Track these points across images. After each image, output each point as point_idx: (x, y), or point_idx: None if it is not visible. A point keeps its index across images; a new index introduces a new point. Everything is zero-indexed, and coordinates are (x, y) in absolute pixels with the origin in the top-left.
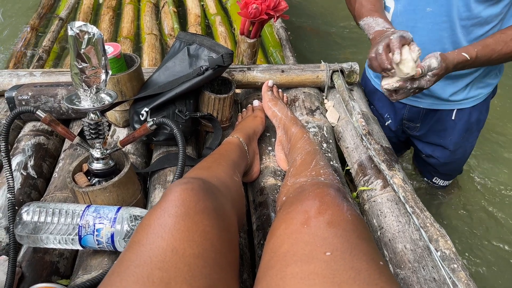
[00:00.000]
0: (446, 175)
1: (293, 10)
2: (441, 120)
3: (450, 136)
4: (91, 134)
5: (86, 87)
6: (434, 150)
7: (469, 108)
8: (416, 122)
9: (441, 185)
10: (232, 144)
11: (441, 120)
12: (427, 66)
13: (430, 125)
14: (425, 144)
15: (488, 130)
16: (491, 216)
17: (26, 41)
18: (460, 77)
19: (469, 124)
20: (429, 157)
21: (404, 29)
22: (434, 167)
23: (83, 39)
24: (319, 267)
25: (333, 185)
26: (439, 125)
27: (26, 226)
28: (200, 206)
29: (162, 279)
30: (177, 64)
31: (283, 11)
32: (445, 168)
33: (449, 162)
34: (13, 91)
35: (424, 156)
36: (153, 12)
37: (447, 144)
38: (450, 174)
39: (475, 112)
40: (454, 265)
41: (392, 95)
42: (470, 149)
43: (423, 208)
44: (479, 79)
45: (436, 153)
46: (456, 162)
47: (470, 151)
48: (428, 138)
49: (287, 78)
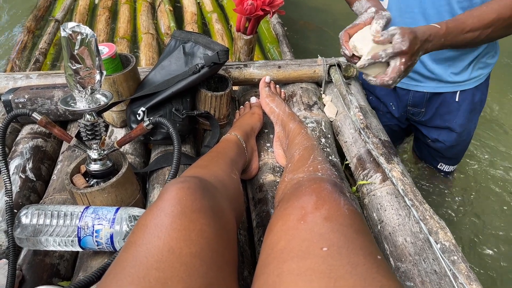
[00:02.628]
0: (451, 160)
1: (290, 6)
2: (445, 102)
3: (455, 118)
4: (87, 135)
5: (81, 88)
6: (440, 134)
7: (471, 89)
8: (421, 107)
9: (447, 170)
10: (230, 142)
11: (446, 103)
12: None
13: (435, 109)
14: (431, 129)
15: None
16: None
17: (23, 44)
18: (459, 57)
19: (473, 105)
20: (435, 141)
21: (402, 15)
22: (439, 151)
23: (76, 40)
24: (315, 262)
25: (330, 180)
26: (444, 108)
27: (26, 228)
28: (197, 205)
29: (158, 279)
30: (172, 63)
31: (278, 6)
32: (451, 151)
33: (455, 145)
34: (10, 94)
35: (430, 141)
36: (149, 12)
37: (453, 126)
38: (456, 158)
39: (477, 92)
40: (454, 257)
41: (384, 78)
42: (473, 130)
43: (422, 200)
44: (479, 59)
45: (442, 137)
46: (462, 144)
47: (473, 133)
48: (434, 122)
49: (284, 74)
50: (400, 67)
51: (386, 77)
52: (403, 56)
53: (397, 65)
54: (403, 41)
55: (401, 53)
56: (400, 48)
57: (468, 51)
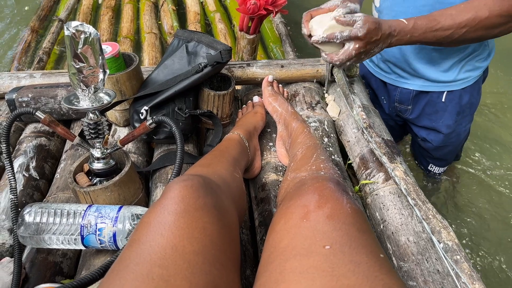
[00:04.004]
0: (440, 160)
1: (291, 7)
2: (432, 102)
3: (441, 118)
4: (90, 134)
5: (84, 87)
6: (429, 134)
7: (459, 91)
8: (407, 104)
9: (437, 172)
10: (233, 141)
11: (432, 103)
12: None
13: (422, 108)
14: (420, 128)
15: (481, 114)
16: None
17: (26, 44)
18: (443, 57)
19: (460, 107)
20: (424, 141)
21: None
22: (428, 151)
23: (80, 38)
24: (318, 260)
25: (333, 179)
26: (430, 108)
27: (29, 227)
28: (200, 203)
29: (161, 276)
30: (176, 62)
31: (281, 6)
32: (439, 152)
33: (442, 146)
34: (14, 93)
35: (420, 140)
36: (153, 11)
37: (439, 127)
38: (445, 160)
39: (465, 94)
40: (457, 257)
41: (333, 57)
42: (464, 133)
43: (425, 200)
44: (468, 61)
45: (430, 137)
46: (450, 146)
47: (464, 136)
48: (422, 122)
49: (287, 73)
50: (352, 51)
51: (335, 57)
52: (357, 42)
53: (349, 49)
54: (362, 28)
55: (356, 38)
56: (356, 33)
57: (452, 52)
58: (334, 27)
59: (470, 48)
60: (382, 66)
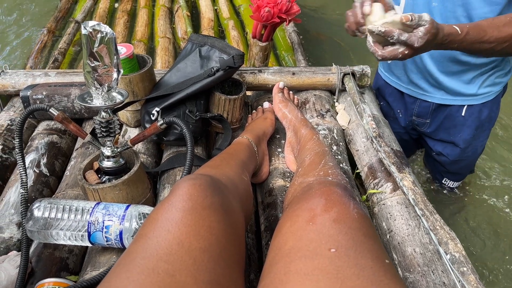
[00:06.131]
0: (455, 175)
1: (304, 17)
2: (451, 116)
3: (460, 133)
4: (102, 132)
5: (98, 85)
6: (445, 148)
7: (479, 105)
8: (426, 117)
9: (451, 186)
10: (242, 144)
11: (451, 116)
12: (418, 16)
13: (440, 121)
14: (436, 142)
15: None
16: (503, 218)
17: (42, 44)
18: (465, 70)
19: (479, 122)
20: (439, 155)
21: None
22: (443, 165)
23: (96, 38)
24: (323, 263)
25: (340, 184)
26: (449, 122)
27: (37, 221)
28: (207, 202)
29: (167, 271)
30: (188, 65)
31: (295, 14)
32: (454, 166)
33: (458, 160)
34: (28, 90)
35: (435, 154)
36: (167, 16)
37: (457, 141)
38: (460, 174)
39: (485, 109)
40: (464, 268)
41: (378, 51)
42: (480, 148)
43: (432, 210)
44: (488, 76)
45: (446, 151)
46: (466, 160)
47: (481, 151)
48: (439, 135)
49: (298, 81)
50: (399, 54)
51: (380, 51)
52: (409, 49)
53: (398, 51)
54: (421, 38)
55: (410, 46)
56: (413, 43)
57: (474, 65)
58: (395, 24)
59: (493, 63)
60: (400, 75)
